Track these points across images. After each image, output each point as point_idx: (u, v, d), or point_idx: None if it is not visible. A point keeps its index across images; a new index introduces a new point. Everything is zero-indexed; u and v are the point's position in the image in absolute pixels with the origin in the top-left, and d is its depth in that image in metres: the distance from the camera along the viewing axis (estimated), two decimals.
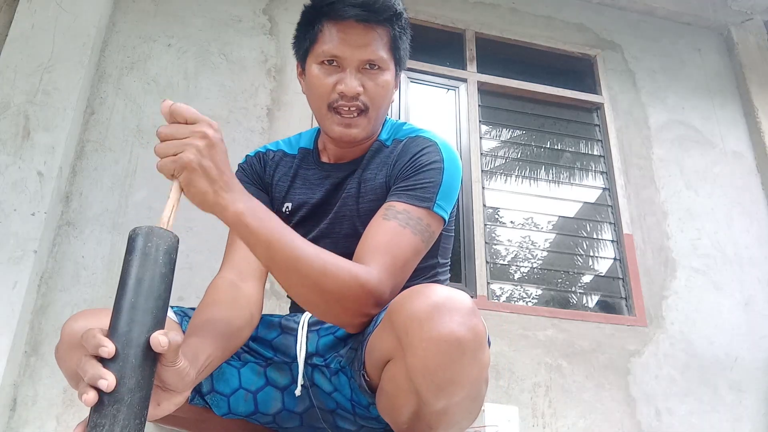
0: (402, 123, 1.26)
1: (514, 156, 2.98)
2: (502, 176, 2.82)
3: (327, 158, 1.25)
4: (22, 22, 2.30)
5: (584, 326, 2.42)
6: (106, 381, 0.63)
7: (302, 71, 1.20)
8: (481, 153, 2.75)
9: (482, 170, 2.71)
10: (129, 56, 2.47)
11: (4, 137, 2.08)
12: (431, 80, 2.89)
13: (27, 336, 1.92)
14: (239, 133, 2.42)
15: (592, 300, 2.69)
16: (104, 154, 2.26)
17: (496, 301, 2.48)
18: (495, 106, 2.95)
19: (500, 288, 2.57)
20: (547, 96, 3.01)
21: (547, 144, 3.02)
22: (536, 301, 2.62)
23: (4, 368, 1.77)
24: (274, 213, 0.94)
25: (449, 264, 1.31)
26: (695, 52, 3.31)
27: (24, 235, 1.96)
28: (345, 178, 1.20)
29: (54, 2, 2.35)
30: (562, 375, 2.29)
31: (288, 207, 1.23)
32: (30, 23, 2.30)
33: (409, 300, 0.87)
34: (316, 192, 1.21)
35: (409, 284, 1.00)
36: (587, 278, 2.74)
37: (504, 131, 3.03)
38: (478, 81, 2.92)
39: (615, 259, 2.69)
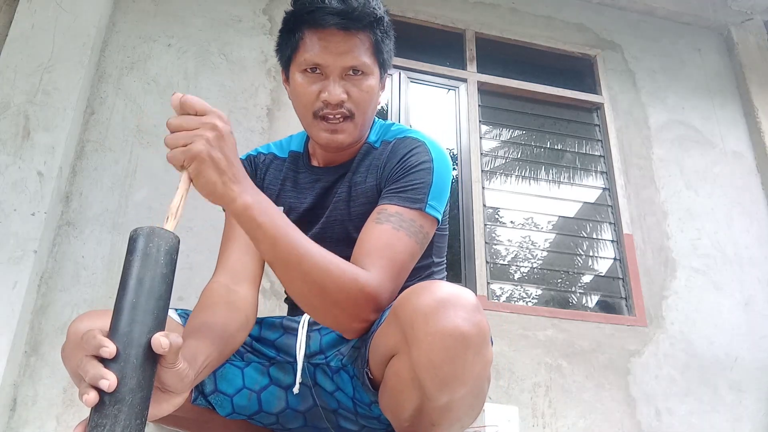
0: (390, 124, 1.25)
1: (514, 156, 2.98)
2: (502, 176, 2.83)
3: (317, 162, 1.25)
4: (22, 22, 2.30)
5: (584, 326, 2.42)
6: (108, 381, 0.63)
7: (286, 78, 1.19)
8: (481, 153, 2.75)
9: (482, 170, 2.71)
10: (129, 56, 2.47)
11: (4, 137, 2.08)
12: (431, 80, 2.90)
13: (27, 336, 1.92)
14: (239, 133, 2.42)
15: (592, 300, 2.69)
16: (104, 154, 2.26)
17: (496, 301, 2.48)
18: (495, 106, 2.95)
19: (500, 288, 2.57)
20: (547, 96, 3.02)
21: (547, 144, 3.02)
22: (536, 301, 2.62)
23: (4, 368, 1.77)
24: None
25: (445, 262, 1.31)
26: (695, 52, 3.31)
27: (24, 235, 1.95)
28: (335, 182, 1.20)
29: (54, 2, 2.35)
30: (562, 375, 2.29)
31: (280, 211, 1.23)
32: (30, 23, 2.30)
33: (415, 295, 0.88)
34: (307, 196, 1.21)
35: (405, 285, 1.01)
36: (587, 278, 2.74)
37: (504, 131, 3.02)
38: (478, 81, 2.93)
39: (615, 259, 2.69)
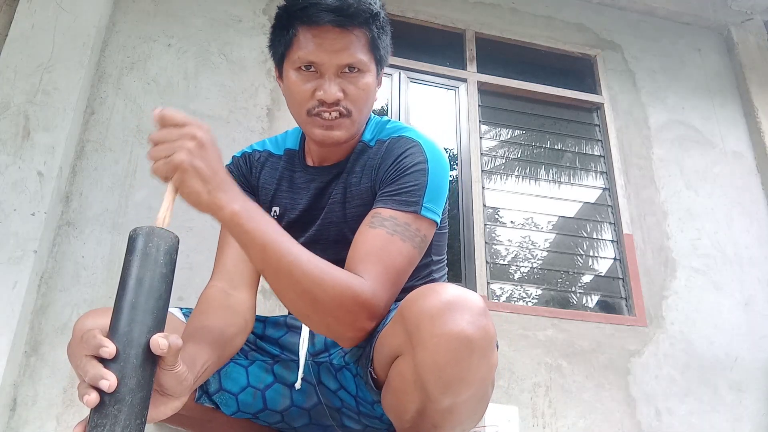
0: (386, 121, 1.22)
1: (514, 156, 2.98)
2: (502, 176, 2.82)
3: (312, 160, 1.22)
4: (22, 22, 2.29)
5: (584, 326, 2.42)
6: (108, 381, 0.63)
7: (280, 75, 1.15)
8: (481, 153, 2.75)
9: (482, 170, 2.71)
10: (129, 56, 2.47)
11: (4, 137, 2.08)
12: (431, 80, 2.89)
13: (27, 336, 1.92)
14: (239, 133, 2.42)
15: (592, 300, 2.69)
16: (104, 154, 2.26)
17: (496, 301, 2.48)
18: (495, 106, 2.95)
19: (500, 288, 2.57)
20: (547, 96, 3.01)
21: (547, 144, 3.02)
22: (536, 301, 2.62)
23: (4, 368, 1.77)
24: None
25: (445, 260, 1.30)
26: (695, 52, 3.31)
27: (24, 235, 1.95)
28: (330, 182, 1.18)
29: (54, 2, 2.35)
30: (562, 375, 2.29)
31: (276, 211, 1.21)
32: (30, 23, 2.30)
33: (422, 296, 0.88)
34: (303, 197, 1.20)
35: (406, 285, 1.00)
36: (587, 278, 2.74)
37: (504, 131, 3.02)
38: (478, 81, 2.92)
39: (615, 259, 2.69)
